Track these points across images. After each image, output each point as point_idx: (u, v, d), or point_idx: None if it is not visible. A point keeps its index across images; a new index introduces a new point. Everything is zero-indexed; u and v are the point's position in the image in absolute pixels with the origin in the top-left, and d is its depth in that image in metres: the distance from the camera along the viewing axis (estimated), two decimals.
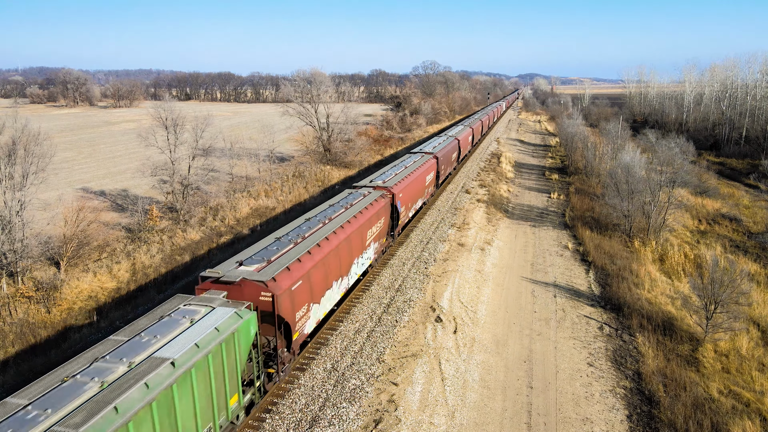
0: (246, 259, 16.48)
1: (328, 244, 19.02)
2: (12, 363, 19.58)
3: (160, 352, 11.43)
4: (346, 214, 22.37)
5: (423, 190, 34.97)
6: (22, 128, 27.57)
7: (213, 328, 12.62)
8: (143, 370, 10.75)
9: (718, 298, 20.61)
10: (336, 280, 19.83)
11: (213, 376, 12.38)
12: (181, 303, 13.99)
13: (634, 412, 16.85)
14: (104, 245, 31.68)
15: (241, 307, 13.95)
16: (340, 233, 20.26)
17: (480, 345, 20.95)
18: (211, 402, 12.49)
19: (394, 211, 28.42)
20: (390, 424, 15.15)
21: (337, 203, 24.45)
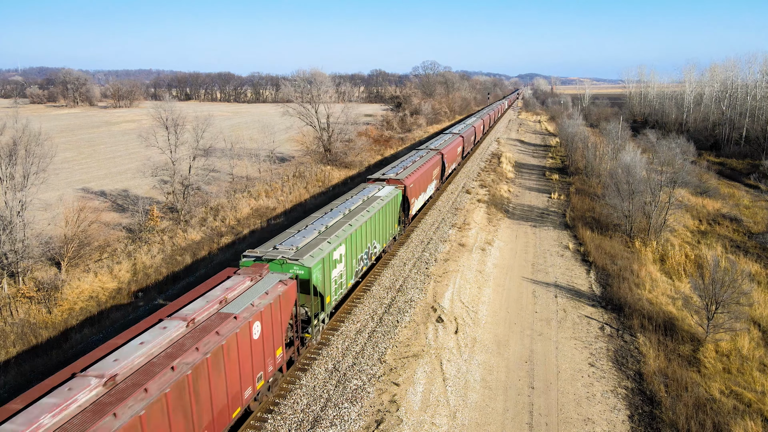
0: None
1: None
2: (13, 363, 19.57)
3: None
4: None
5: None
6: (23, 128, 27.56)
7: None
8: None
9: (719, 299, 20.62)
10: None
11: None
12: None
13: (636, 412, 16.86)
14: (105, 245, 31.69)
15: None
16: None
17: (481, 345, 20.95)
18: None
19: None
20: (392, 424, 15.15)
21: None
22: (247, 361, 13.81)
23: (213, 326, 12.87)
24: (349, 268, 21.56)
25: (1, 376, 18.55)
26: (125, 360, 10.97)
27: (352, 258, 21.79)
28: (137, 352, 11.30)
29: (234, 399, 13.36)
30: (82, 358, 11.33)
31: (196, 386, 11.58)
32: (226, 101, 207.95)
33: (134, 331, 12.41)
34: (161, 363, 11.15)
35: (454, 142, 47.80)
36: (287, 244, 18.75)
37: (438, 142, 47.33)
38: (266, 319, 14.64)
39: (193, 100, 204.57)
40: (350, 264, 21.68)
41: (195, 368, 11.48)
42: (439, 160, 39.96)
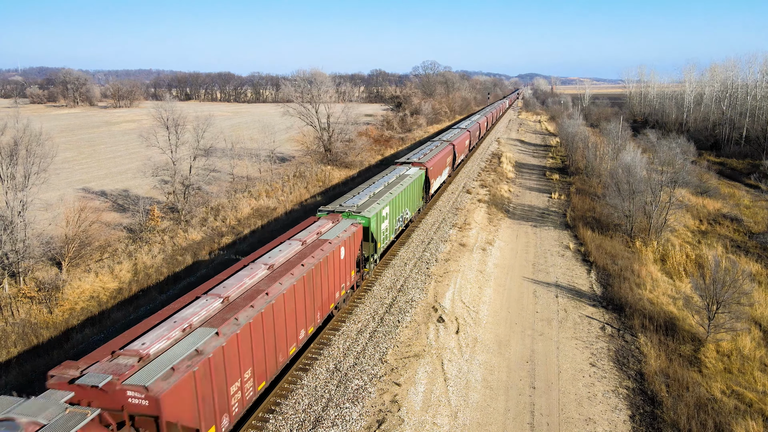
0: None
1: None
2: (14, 363, 19.58)
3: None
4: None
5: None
6: (24, 128, 27.56)
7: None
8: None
9: (719, 299, 20.63)
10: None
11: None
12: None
13: (637, 412, 16.87)
14: (106, 245, 31.69)
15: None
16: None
17: (482, 345, 20.96)
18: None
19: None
20: (393, 424, 15.16)
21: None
22: (337, 272, 19.89)
23: (318, 245, 19.04)
24: (391, 225, 27.56)
25: (3, 376, 18.56)
26: (276, 257, 17.42)
27: (393, 217, 27.74)
28: (280, 255, 17.67)
29: (330, 296, 19.60)
30: (253, 254, 18.14)
31: (314, 279, 17.68)
32: (226, 101, 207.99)
33: (271, 246, 18.92)
34: (294, 262, 17.40)
35: (462, 136, 54.14)
36: (350, 203, 24.97)
37: (449, 135, 53.83)
38: (346, 247, 20.74)
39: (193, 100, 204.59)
40: (392, 222, 27.76)
41: (313, 268, 17.53)
42: (451, 150, 45.67)
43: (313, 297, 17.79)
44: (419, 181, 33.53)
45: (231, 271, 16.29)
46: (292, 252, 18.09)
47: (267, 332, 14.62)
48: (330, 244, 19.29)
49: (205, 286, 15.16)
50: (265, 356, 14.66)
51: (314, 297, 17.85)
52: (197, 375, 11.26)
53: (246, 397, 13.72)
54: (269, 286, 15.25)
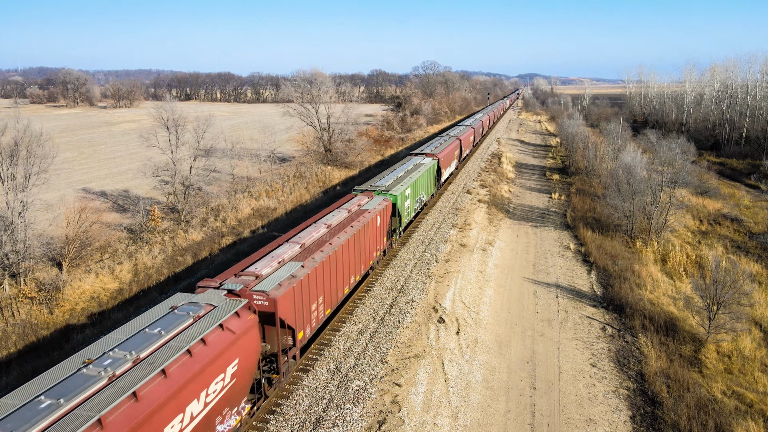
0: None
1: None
2: (15, 364, 19.59)
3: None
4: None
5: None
6: (24, 129, 27.56)
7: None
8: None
9: (720, 299, 20.63)
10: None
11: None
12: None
13: (638, 413, 16.87)
14: (106, 246, 31.69)
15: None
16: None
17: (483, 346, 20.96)
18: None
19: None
20: (394, 425, 15.16)
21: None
22: (374, 236, 24.53)
23: (361, 213, 23.71)
24: (411, 204, 31.67)
25: (3, 377, 18.56)
26: (331, 220, 22.08)
27: (413, 198, 32.01)
28: (334, 218, 22.43)
29: (370, 254, 24.18)
30: (313, 217, 23.31)
31: (360, 238, 22.23)
32: (226, 101, 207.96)
33: (325, 212, 23.63)
34: (345, 223, 21.96)
35: (467, 132, 59.19)
36: (379, 184, 29.66)
37: (455, 131, 58.17)
38: (381, 217, 25.42)
39: (193, 100, 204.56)
40: (412, 201, 31.90)
41: (359, 230, 21.98)
42: (458, 144, 50.46)
43: (359, 252, 22.50)
44: (432, 169, 38.21)
45: (299, 228, 21.16)
46: (342, 217, 22.94)
47: (332, 271, 19.24)
48: (369, 213, 23.96)
49: (286, 236, 20.27)
50: (331, 289, 19.34)
51: (360, 252, 22.59)
52: (295, 290, 15.98)
53: (319, 316, 18.43)
54: (331, 239, 19.90)
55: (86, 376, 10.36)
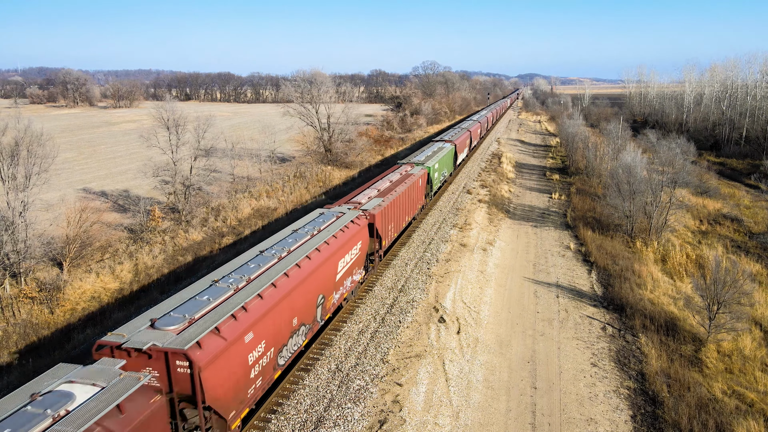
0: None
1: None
2: (16, 363, 19.60)
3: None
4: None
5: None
6: (25, 129, 27.58)
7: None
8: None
9: (720, 299, 20.64)
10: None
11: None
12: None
13: (638, 412, 16.89)
14: (107, 246, 31.71)
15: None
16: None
17: (483, 345, 20.98)
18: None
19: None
20: (395, 424, 15.18)
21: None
22: (417, 193, 32.86)
23: (408, 176, 31.93)
24: (439, 176, 40.05)
25: (5, 376, 18.58)
26: (392, 177, 30.98)
27: (440, 171, 40.37)
28: (393, 177, 31.23)
29: (415, 207, 32.65)
30: (380, 175, 33.19)
31: (410, 192, 30.16)
32: (226, 101, 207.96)
33: (384, 174, 32.51)
34: (400, 181, 30.34)
35: (475, 125, 67.61)
36: (415, 159, 38.40)
37: (466, 125, 67.11)
38: (422, 180, 33.86)
39: (193, 101, 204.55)
40: (439, 174, 40.41)
41: (409, 186, 30.06)
42: (468, 135, 58.84)
43: (410, 201, 30.80)
44: (451, 152, 46.70)
45: (373, 180, 30.82)
46: (397, 177, 31.81)
47: (397, 208, 27.63)
48: (414, 176, 32.11)
49: (367, 184, 29.88)
50: (397, 219, 27.98)
51: (410, 201, 30.94)
52: (381, 213, 24.67)
53: (391, 235, 27.26)
54: (395, 188, 28.51)
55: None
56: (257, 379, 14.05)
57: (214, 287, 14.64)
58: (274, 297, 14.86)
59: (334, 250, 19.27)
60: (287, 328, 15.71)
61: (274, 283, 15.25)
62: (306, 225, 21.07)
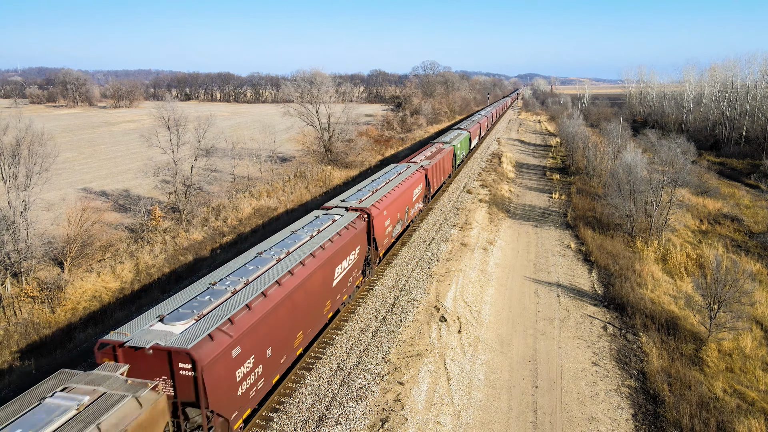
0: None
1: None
2: (18, 363, 19.61)
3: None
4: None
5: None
6: (26, 128, 27.58)
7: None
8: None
9: (721, 298, 20.67)
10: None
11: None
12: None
13: (639, 411, 16.91)
14: (107, 245, 31.72)
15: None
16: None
17: (484, 344, 21.00)
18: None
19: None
20: (396, 423, 15.20)
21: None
22: (448, 163, 44.38)
23: (442, 149, 44.49)
24: (459, 153, 51.33)
25: (6, 376, 18.59)
26: (430, 150, 43.57)
27: (461, 150, 52.08)
28: (431, 149, 44.27)
29: (445, 173, 43.91)
30: (423, 147, 49.33)
31: (443, 161, 42.29)
32: (226, 101, 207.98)
33: (424, 148, 44.98)
34: (437, 152, 42.65)
35: (483, 119, 78.70)
36: (444, 140, 49.71)
37: (476, 117, 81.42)
38: (450, 154, 44.88)
39: (193, 101, 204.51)
40: (460, 152, 51.85)
41: (442, 157, 41.86)
42: (478, 126, 70.57)
43: (444, 167, 41.75)
44: (467, 137, 57.27)
45: (420, 151, 42.29)
46: (436, 149, 43.05)
47: (438, 171, 38.79)
48: (445, 150, 43.81)
49: (412, 156, 39.63)
50: (439, 175, 39.98)
51: (444, 167, 42.21)
52: (431, 169, 36.86)
53: (439, 183, 40.50)
54: (436, 155, 40.30)
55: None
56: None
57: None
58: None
59: (408, 185, 30.16)
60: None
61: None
62: (353, 194, 26.51)
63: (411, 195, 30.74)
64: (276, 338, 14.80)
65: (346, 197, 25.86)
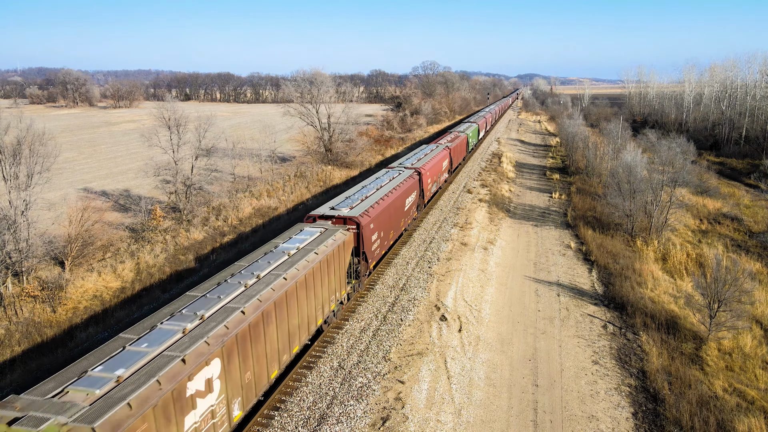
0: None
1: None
2: (19, 361, 19.65)
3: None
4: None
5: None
6: (27, 128, 27.62)
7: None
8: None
9: (721, 297, 20.72)
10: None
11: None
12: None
13: (640, 409, 16.96)
14: (108, 245, 31.76)
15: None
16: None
17: (485, 343, 21.05)
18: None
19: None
20: (397, 421, 15.25)
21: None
22: (463, 147, 54.74)
23: (459, 135, 55.02)
24: (471, 141, 61.17)
25: (8, 374, 18.63)
26: (449, 137, 53.16)
27: (472, 138, 61.72)
28: (450, 136, 54.14)
29: (460, 157, 53.36)
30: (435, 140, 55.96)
31: (460, 145, 51.76)
32: (226, 101, 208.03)
33: (444, 135, 55.08)
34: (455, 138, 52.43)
35: (489, 114, 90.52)
36: (458, 129, 60.96)
37: (482, 113, 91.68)
38: (465, 141, 56.16)
39: (193, 101, 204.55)
40: (471, 140, 61.49)
41: (459, 142, 51.97)
42: (485, 121, 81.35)
43: (460, 151, 50.94)
44: (476, 128, 66.93)
45: (442, 137, 52.48)
46: (453, 136, 52.72)
47: (458, 152, 49.94)
48: (461, 136, 53.91)
49: (439, 139, 51.13)
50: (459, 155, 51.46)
51: (460, 151, 50.70)
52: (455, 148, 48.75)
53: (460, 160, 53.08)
54: (455, 140, 50.94)
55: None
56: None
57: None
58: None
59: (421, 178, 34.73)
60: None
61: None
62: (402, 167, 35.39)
63: (441, 165, 41.68)
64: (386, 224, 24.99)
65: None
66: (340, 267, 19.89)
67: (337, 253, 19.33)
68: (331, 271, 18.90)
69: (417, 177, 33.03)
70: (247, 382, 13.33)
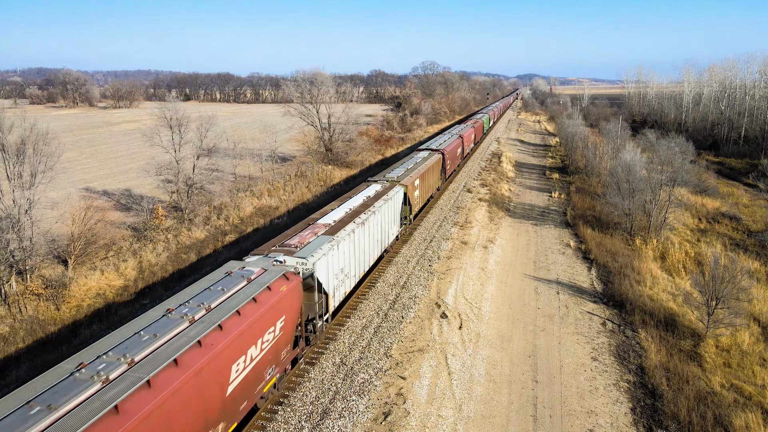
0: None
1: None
2: (24, 358, 19.86)
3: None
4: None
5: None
6: (31, 127, 27.81)
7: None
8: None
9: (719, 294, 20.92)
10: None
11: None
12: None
13: (638, 405, 17.17)
14: (111, 244, 31.95)
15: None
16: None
17: (485, 340, 21.26)
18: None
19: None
20: (399, 416, 15.45)
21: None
22: (479, 133, 71.55)
23: (478, 121, 74.65)
24: (484, 127, 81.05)
25: (14, 370, 18.83)
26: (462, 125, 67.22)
27: (486, 124, 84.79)
28: (463, 124, 68.39)
29: (478, 135, 72.46)
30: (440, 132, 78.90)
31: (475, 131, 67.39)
32: (226, 102, 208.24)
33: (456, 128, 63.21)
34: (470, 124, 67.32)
35: (494, 110, 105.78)
36: (477, 117, 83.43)
37: (486, 110, 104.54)
38: (481, 126, 75.88)
39: (193, 101, 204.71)
40: (485, 126, 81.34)
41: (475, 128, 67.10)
42: (492, 115, 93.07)
43: (479, 132, 70.47)
44: (488, 118, 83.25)
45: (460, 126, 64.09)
46: (473, 121, 72.01)
47: (477, 132, 68.89)
48: (479, 121, 72.91)
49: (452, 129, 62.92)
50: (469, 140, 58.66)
51: (479, 132, 70.37)
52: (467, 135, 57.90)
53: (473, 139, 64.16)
54: (464, 132, 56.76)
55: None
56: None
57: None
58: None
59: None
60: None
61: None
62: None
63: (470, 136, 56.11)
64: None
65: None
66: (395, 211, 28.39)
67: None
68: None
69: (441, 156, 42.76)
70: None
